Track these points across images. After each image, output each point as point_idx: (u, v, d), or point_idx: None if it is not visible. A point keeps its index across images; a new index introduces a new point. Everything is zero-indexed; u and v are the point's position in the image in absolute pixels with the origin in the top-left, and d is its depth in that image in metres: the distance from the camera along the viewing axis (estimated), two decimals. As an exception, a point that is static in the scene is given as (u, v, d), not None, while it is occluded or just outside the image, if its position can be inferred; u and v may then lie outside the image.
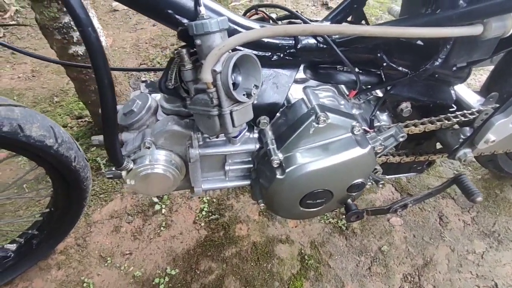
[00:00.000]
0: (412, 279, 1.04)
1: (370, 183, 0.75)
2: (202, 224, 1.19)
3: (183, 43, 0.55)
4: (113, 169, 0.68)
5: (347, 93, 0.72)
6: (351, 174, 0.65)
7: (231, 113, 0.53)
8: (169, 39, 2.07)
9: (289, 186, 0.63)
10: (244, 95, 0.53)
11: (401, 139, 0.66)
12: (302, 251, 1.11)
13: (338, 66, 0.69)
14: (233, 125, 0.54)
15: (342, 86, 0.74)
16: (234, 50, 0.53)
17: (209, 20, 0.49)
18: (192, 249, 1.13)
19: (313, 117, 0.60)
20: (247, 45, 0.57)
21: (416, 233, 1.14)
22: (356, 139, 0.63)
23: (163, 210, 1.23)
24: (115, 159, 0.60)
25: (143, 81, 0.75)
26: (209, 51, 0.50)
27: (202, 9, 0.51)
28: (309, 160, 0.61)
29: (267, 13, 0.66)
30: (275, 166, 0.62)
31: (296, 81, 0.71)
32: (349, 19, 0.70)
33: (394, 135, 0.66)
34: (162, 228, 1.18)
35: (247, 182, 0.75)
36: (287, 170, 0.61)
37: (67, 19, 1.09)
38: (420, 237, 1.13)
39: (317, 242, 1.13)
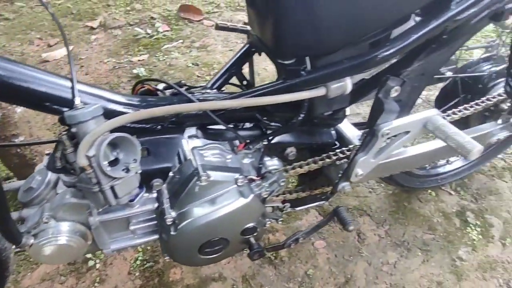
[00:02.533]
0: (335, 297, 1.13)
1: (269, 222, 0.84)
2: (137, 273, 1.21)
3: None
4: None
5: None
6: (239, 221, 0.73)
7: (112, 188, 0.59)
8: (102, 87, 2.10)
9: (182, 240, 0.69)
10: (123, 169, 0.60)
11: (282, 183, 0.76)
12: (234, 286, 1.17)
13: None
14: (117, 197, 0.60)
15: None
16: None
17: (81, 110, 0.56)
18: (127, 301, 1.14)
19: (196, 177, 0.67)
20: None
21: (338, 253, 1.25)
22: (240, 190, 0.71)
23: (97, 265, 1.23)
24: (11, 238, 0.63)
25: (46, 154, 0.79)
26: (84, 137, 0.56)
27: (76, 100, 0.57)
28: (198, 215, 0.69)
29: (154, 86, 0.74)
30: (169, 223, 0.69)
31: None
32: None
33: (276, 181, 0.76)
34: (96, 284, 1.18)
35: (156, 236, 0.80)
36: (179, 227, 0.68)
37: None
38: (341, 256, 1.24)
39: (248, 275, 1.19)
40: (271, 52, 0.64)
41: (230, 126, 0.72)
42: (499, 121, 1.00)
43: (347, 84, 0.66)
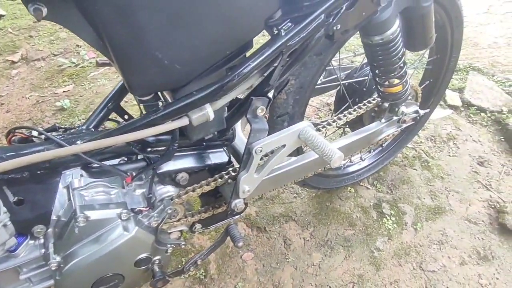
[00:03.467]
0: (264, 306, 1.17)
1: (171, 248, 0.86)
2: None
3: None
4: None
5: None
6: (128, 255, 0.74)
7: (-28, 246, 0.58)
8: (25, 124, 2.02)
9: (70, 283, 0.69)
10: (-15, 225, 0.60)
11: (169, 211, 0.78)
12: (165, 312, 1.17)
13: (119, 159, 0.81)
14: (-19, 254, 0.60)
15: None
16: None
17: None
18: None
19: (74, 219, 0.68)
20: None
21: (265, 262, 1.28)
22: (123, 224, 0.73)
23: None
24: None
25: None
26: None
27: None
28: (82, 255, 0.69)
29: (26, 132, 0.74)
30: (54, 269, 0.69)
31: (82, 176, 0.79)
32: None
33: (163, 209, 0.78)
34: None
35: (51, 281, 0.79)
36: (63, 271, 0.68)
37: None
38: (269, 265, 1.28)
39: (178, 298, 1.20)
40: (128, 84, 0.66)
41: (105, 162, 0.74)
42: (383, 120, 1.09)
43: (208, 111, 0.69)
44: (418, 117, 1.16)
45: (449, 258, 1.26)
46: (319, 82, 1.05)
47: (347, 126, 1.30)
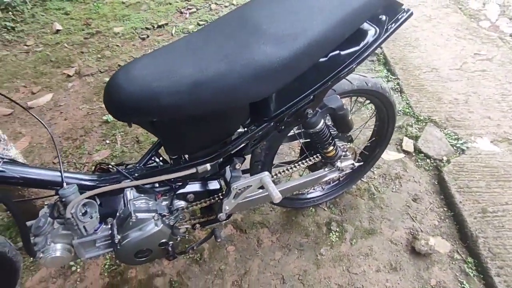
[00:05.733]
0: (237, 283, 1.75)
1: (179, 237, 1.44)
2: (106, 274, 1.79)
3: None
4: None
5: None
6: (155, 239, 1.33)
7: (84, 227, 1.18)
8: (79, 131, 2.65)
9: (124, 251, 1.29)
10: (90, 217, 1.19)
11: (181, 216, 1.36)
12: (171, 279, 1.76)
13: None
14: (87, 231, 1.19)
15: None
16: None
17: (67, 190, 1.14)
18: (98, 292, 1.72)
19: (130, 217, 1.27)
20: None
21: (242, 254, 1.86)
22: (155, 222, 1.31)
23: (78, 269, 1.80)
24: (31, 253, 1.21)
25: (46, 204, 1.36)
26: (69, 203, 1.15)
27: (64, 185, 1.16)
28: (132, 237, 1.28)
29: (110, 166, 1.33)
30: (116, 242, 1.28)
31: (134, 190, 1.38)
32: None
33: (178, 215, 1.36)
34: (78, 282, 1.75)
35: (111, 249, 1.39)
36: (122, 243, 1.27)
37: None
38: (244, 256, 1.85)
39: (181, 271, 1.79)
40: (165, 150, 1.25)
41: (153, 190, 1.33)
42: (326, 169, 1.64)
43: (207, 166, 1.27)
44: (354, 168, 1.70)
45: (369, 266, 1.81)
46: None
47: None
